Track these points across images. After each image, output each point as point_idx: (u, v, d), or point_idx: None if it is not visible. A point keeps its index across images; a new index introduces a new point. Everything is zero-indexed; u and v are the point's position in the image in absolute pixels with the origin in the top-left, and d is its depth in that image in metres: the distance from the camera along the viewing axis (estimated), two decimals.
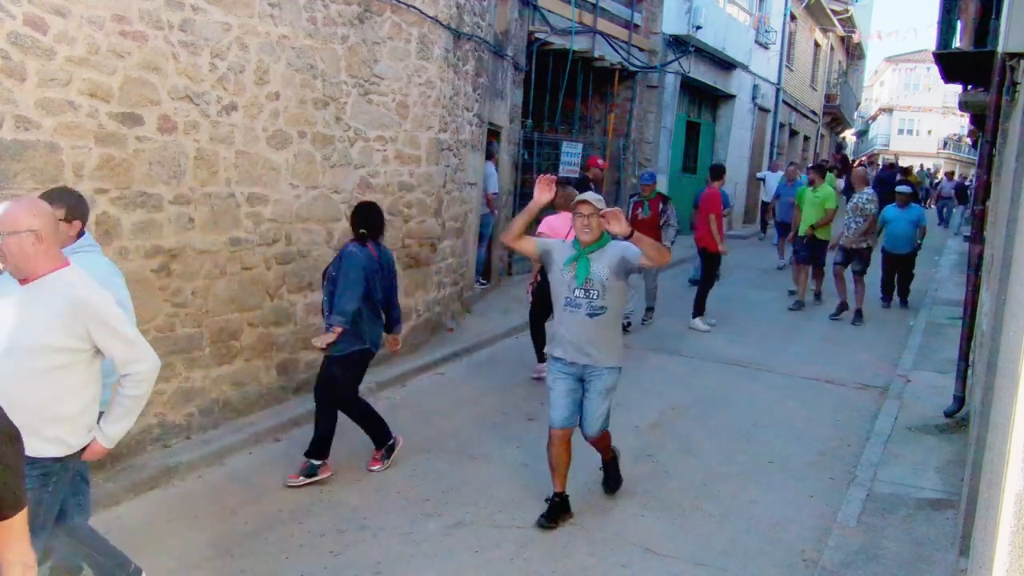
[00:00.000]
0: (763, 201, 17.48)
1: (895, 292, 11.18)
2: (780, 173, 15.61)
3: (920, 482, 5.22)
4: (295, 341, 6.17)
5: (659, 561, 4.25)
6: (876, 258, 10.61)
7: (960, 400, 6.24)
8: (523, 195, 12.29)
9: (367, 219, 5.09)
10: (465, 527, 4.53)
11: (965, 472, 4.67)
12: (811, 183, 11.08)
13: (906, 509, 4.81)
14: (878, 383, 7.45)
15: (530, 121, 12.46)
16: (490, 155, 10.02)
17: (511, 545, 4.35)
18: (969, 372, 6.16)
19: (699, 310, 9.42)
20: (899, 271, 11.01)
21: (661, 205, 8.86)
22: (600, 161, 11.26)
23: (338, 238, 6.47)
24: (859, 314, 10.03)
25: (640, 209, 8.91)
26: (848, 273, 10.21)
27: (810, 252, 10.66)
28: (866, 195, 10.27)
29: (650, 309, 9.47)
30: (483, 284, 10.07)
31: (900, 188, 11.14)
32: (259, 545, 4.26)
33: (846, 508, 4.78)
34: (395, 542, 4.34)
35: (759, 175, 18.36)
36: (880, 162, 34.64)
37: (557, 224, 6.56)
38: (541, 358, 6.82)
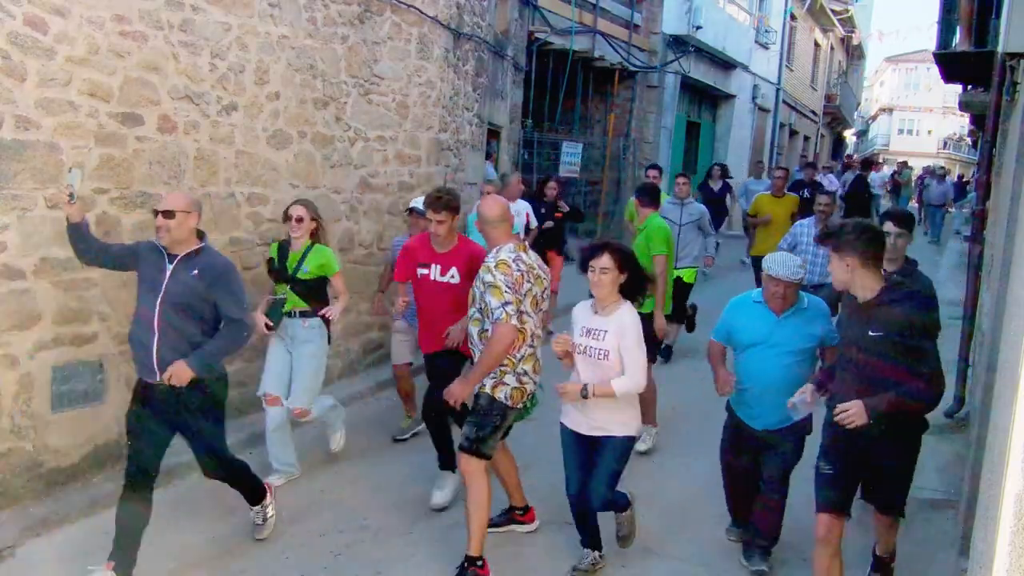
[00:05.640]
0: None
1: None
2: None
3: (920, 482, 5.19)
4: None
5: (659, 561, 4.25)
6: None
7: (960, 400, 6.24)
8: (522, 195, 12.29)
9: None
10: (465, 527, 4.52)
11: (965, 472, 4.66)
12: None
13: (906, 509, 4.80)
14: None
15: (530, 121, 12.47)
16: (489, 155, 10.02)
17: (511, 545, 4.34)
18: (969, 372, 6.16)
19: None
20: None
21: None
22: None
23: (338, 238, 6.47)
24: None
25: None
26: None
27: None
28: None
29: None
30: None
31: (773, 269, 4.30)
32: (259, 545, 4.26)
33: None
34: (395, 542, 4.34)
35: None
36: (882, 161, 34.11)
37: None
38: None
